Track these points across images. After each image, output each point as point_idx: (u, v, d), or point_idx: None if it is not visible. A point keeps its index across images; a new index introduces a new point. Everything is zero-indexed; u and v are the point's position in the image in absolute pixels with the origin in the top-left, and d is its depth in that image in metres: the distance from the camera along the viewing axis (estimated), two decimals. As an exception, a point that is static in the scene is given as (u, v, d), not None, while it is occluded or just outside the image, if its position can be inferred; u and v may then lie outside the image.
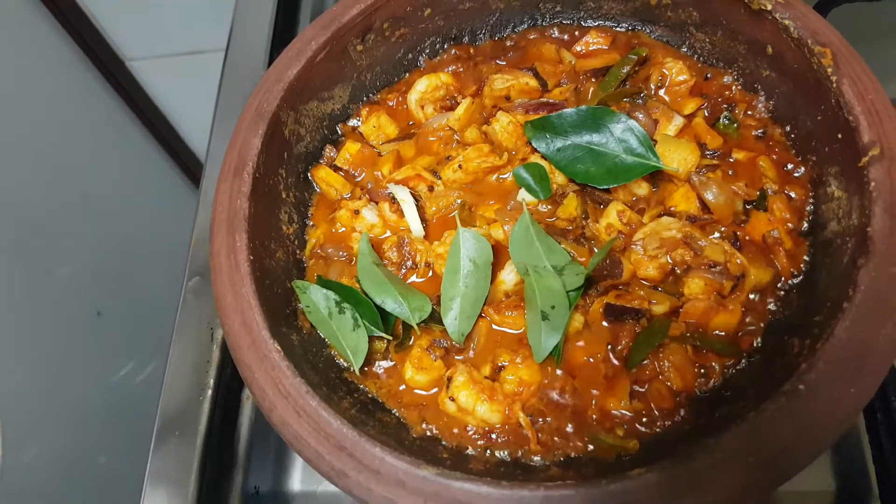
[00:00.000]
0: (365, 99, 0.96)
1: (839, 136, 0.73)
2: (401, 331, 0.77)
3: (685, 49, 0.93)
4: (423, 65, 0.99)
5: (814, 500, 0.80)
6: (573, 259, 0.76)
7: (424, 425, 0.72)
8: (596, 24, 0.97)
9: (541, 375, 0.72)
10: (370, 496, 0.59)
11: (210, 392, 0.88)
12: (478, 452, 0.70)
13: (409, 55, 0.97)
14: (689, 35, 0.92)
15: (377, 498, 0.59)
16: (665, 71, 0.88)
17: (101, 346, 1.65)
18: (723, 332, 0.73)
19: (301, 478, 0.86)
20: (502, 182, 0.86)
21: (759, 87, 0.87)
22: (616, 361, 0.73)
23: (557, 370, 0.73)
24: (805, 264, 0.76)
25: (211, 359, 0.90)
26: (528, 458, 0.69)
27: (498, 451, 0.70)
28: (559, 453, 0.69)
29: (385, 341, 0.77)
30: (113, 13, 1.62)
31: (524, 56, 0.97)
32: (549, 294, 0.72)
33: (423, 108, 0.93)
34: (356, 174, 0.90)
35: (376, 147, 0.91)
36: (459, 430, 0.71)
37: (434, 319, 0.76)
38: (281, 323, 0.73)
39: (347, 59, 0.90)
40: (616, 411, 0.70)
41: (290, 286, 0.79)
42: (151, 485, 0.85)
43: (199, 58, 1.72)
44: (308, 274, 0.84)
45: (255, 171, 0.77)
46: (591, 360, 0.73)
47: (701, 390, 0.71)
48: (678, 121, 0.83)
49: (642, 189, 0.81)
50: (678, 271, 0.76)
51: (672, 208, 0.79)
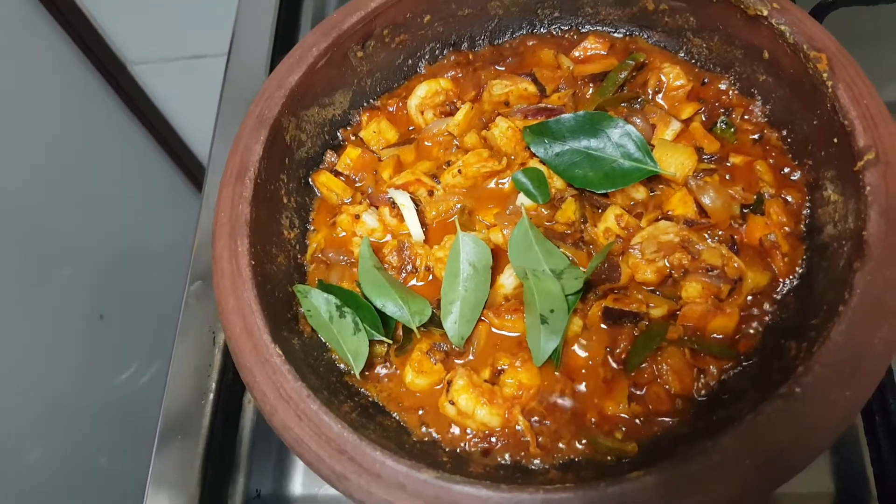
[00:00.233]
0: (365, 104, 0.96)
1: (835, 140, 0.73)
2: (401, 334, 0.78)
3: (682, 54, 0.93)
4: (422, 70, 0.99)
5: (812, 501, 0.80)
6: (572, 263, 0.76)
7: (424, 429, 0.73)
8: (594, 30, 0.98)
9: (540, 379, 0.73)
10: (371, 499, 0.59)
11: (212, 396, 0.88)
12: (478, 456, 0.70)
13: (409, 61, 0.97)
14: (687, 40, 0.92)
15: (377, 501, 0.59)
16: (662, 76, 0.89)
17: (104, 348, 1.65)
18: (720, 336, 0.74)
19: (302, 481, 0.87)
20: (501, 187, 0.86)
21: (755, 92, 0.87)
22: (615, 365, 0.73)
23: (556, 373, 0.73)
24: (802, 268, 0.76)
25: (213, 362, 0.91)
26: (527, 462, 0.69)
27: (498, 455, 0.70)
28: (558, 456, 0.69)
29: (385, 345, 0.77)
30: (115, 17, 1.62)
31: (523, 62, 0.97)
32: (548, 298, 0.73)
33: (422, 113, 0.93)
34: (357, 179, 0.90)
35: (377, 152, 0.92)
36: (459, 434, 0.72)
37: (434, 323, 0.77)
38: (282, 327, 0.73)
39: (348, 65, 0.90)
40: (615, 414, 0.70)
41: (292, 290, 0.79)
42: (154, 487, 0.85)
43: (201, 62, 1.71)
44: (309, 278, 0.85)
45: (256, 177, 0.77)
46: (590, 363, 0.73)
47: (699, 393, 0.71)
48: (675, 125, 0.84)
49: (640, 193, 0.81)
50: (676, 275, 0.76)
51: (670, 212, 0.79)
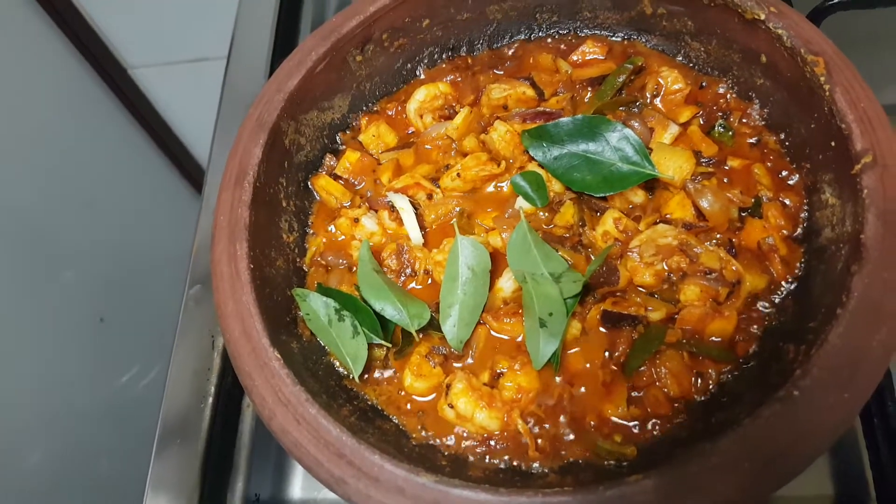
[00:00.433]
0: (364, 108, 0.97)
1: (832, 143, 0.73)
2: (400, 338, 0.78)
3: (680, 58, 0.93)
4: (421, 75, 0.99)
5: (811, 504, 0.81)
6: (570, 266, 0.76)
7: (423, 432, 0.73)
8: (592, 34, 0.98)
9: (539, 382, 0.72)
10: (369, 503, 0.59)
11: (211, 399, 0.88)
12: (476, 459, 0.70)
13: (408, 65, 0.98)
14: (685, 44, 0.92)
15: (376, 505, 0.59)
16: (660, 80, 0.89)
17: (104, 351, 1.65)
18: (719, 339, 0.74)
19: (302, 485, 0.87)
20: (500, 190, 0.86)
21: (753, 96, 0.87)
22: (614, 368, 0.73)
23: (556, 377, 0.73)
24: (800, 271, 0.76)
25: (212, 366, 0.91)
26: (526, 465, 0.69)
27: (497, 458, 0.70)
28: (557, 460, 0.69)
29: (384, 349, 0.77)
30: (115, 21, 1.63)
31: (521, 66, 0.97)
32: (546, 301, 0.73)
33: (421, 117, 0.94)
34: (356, 183, 0.91)
35: (376, 156, 0.92)
36: (458, 437, 0.72)
37: (433, 326, 0.77)
38: (281, 331, 0.73)
39: (347, 69, 0.91)
40: (614, 417, 0.70)
41: (291, 294, 0.79)
42: (153, 491, 0.85)
43: (201, 65, 1.72)
44: (308, 282, 0.84)
45: (255, 181, 0.77)
46: (588, 366, 0.73)
47: (697, 396, 0.71)
48: (673, 129, 0.84)
49: (638, 197, 0.81)
50: (674, 278, 0.76)
51: (668, 216, 0.79)
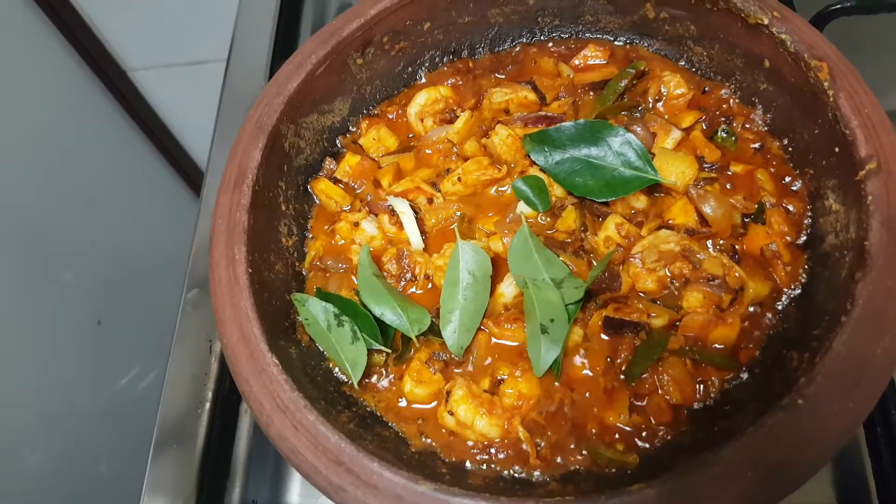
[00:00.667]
0: (365, 112, 0.96)
1: (836, 149, 0.73)
2: (400, 344, 0.77)
3: (683, 62, 0.93)
4: (422, 78, 0.99)
5: (814, 513, 0.80)
6: (572, 272, 0.76)
7: (423, 439, 0.72)
8: (594, 38, 0.98)
9: (540, 389, 0.72)
10: (368, 511, 0.59)
11: (208, 405, 0.88)
12: (477, 467, 0.70)
13: (409, 68, 0.97)
14: (687, 49, 0.92)
15: (375, 513, 0.58)
16: (663, 84, 0.88)
17: (103, 352, 1.65)
18: (722, 346, 0.73)
19: (299, 491, 0.86)
20: (501, 195, 0.86)
21: (756, 101, 0.87)
22: (616, 375, 0.72)
23: (557, 384, 0.72)
24: (803, 277, 0.76)
25: (209, 371, 0.90)
26: (527, 473, 0.68)
27: (497, 466, 0.69)
28: (559, 468, 0.68)
29: (384, 354, 0.76)
30: (115, 24, 1.62)
31: (523, 70, 0.97)
32: (548, 307, 0.72)
33: (422, 121, 0.93)
34: (356, 186, 0.90)
35: (376, 159, 0.91)
36: (458, 445, 0.71)
37: (433, 332, 0.76)
38: (279, 336, 0.72)
39: (347, 72, 0.90)
40: (616, 425, 0.70)
41: (289, 299, 0.78)
42: (149, 497, 0.84)
43: (200, 68, 1.72)
44: (307, 286, 0.84)
45: (254, 184, 0.77)
46: (590, 373, 0.73)
47: (700, 404, 0.71)
48: (676, 134, 0.84)
49: (641, 202, 0.80)
50: (677, 284, 0.75)
51: (670, 221, 0.79)
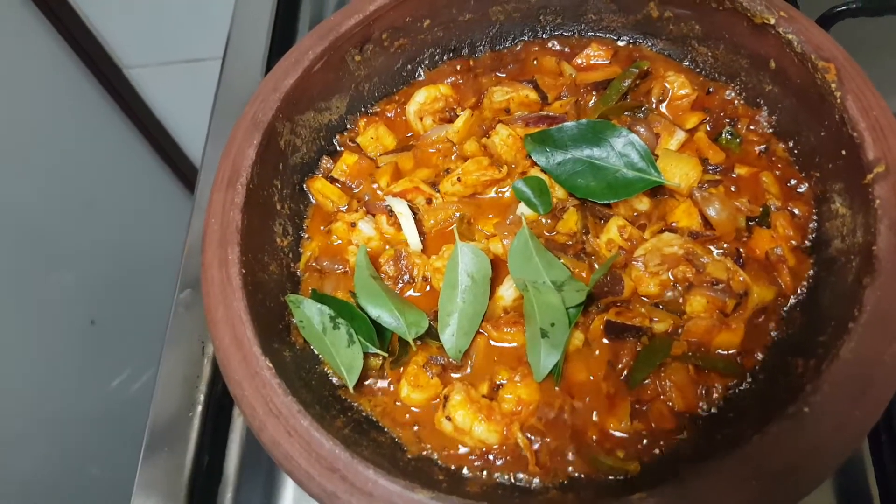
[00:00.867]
0: (363, 110, 0.95)
1: (843, 152, 0.72)
2: (397, 347, 0.75)
3: (687, 63, 0.92)
4: (422, 76, 0.97)
5: (816, 522, 0.79)
6: (573, 275, 0.75)
7: (420, 445, 0.71)
8: (597, 37, 0.97)
9: (540, 394, 0.71)
10: (363, 520, 0.57)
11: (200, 408, 0.86)
12: (474, 474, 0.68)
13: (408, 66, 0.96)
14: (692, 49, 0.91)
15: (370, 522, 0.57)
16: (667, 85, 0.88)
17: (95, 354, 1.63)
18: (725, 352, 0.72)
19: (293, 497, 0.84)
20: (502, 196, 0.85)
21: (761, 102, 0.86)
22: (617, 381, 0.71)
23: (557, 389, 0.71)
24: (808, 282, 0.75)
25: (202, 374, 0.88)
26: (526, 481, 0.67)
27: (495, 473, 0.68)
28: (558, 475, 0.67)
29: (380, 358, 0.75)
30: (111, 21, 1.61)
31: (524, 68, 0.96)
32: (548, 311, 0.71)
33: (421, 119, 0.92)
34: (353, 186, 0.89)
35: (374, 159, 0.90)
36: (456, 451, 0.70)
37: (431, 335, 0.75)
38: (273, 338, 0.71)
39: (345, 69, 0.89)
40: (616, 432, 0.69)
41: (284, 300, 0.77)
42: (139, 502, 0.82)
43: (197, 66, 1.71)
44: (302, 287, 0.82)
45: (248, 182, 0.75)
46: (591, 378, 0.72)
47: (703, 411, 0.70)
48: (680, 135, 0.83)
49: (643, 204, 0.80)
50: (680, 288, 0.74)
51: (674, 224, 0.78)
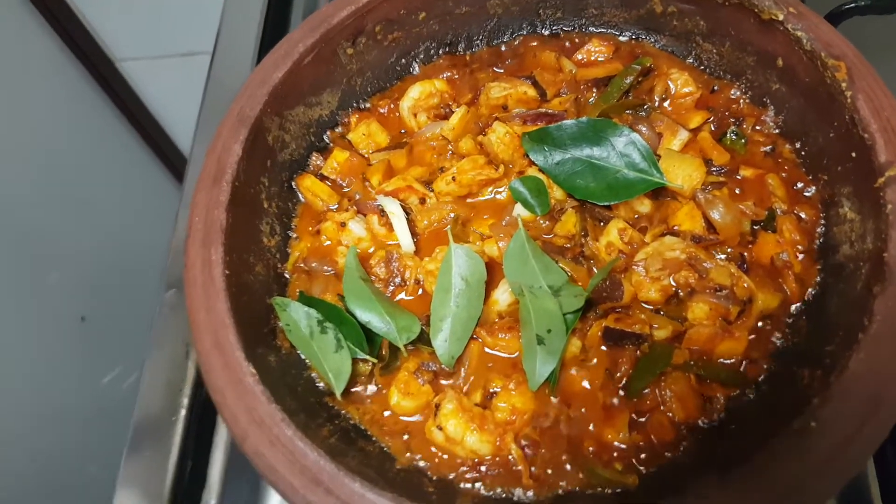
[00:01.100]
0: (355, 105, 0.93)
1: (853, 154, 0.71)
2: (387, 353, 0.74)
3: (691, 60, 0.91)
4: (416, 71, 0.96)
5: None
6: (571, 279, 0.73)
7: (409, 455, 0.69)
8: (598, 32, 0.95)
9: (535, 403, 0.69)
10: (347, 537, 0.55)
11: (184, 412, 0.84)
12: (466, 486, 0.66)
13: (403, 60, 0.94)
14: (696, 45, 0.90)
15: (355, 538, 0.55)
16: (670, 82, 0.86)
17: (85, 350, 1.63)
18: (728, 361, 0.71)
19: (278, 505, 0.82)
20: (498, 196, 0.83)
21: (768, 101, 0.84)
22: (615, 390, 0.70)
23: (553, 398, 0.69)
24: (815, 289, 0.74)
25: (186, 377, 0.86)
26: (520, 494, 0.65)
27: (487, 485, 0.66)
28: (553, 488, 0.65)
29: (370, 364, 0.73)
30: (103, 14, 1.60)
31: (522, 64, 0.94)
32: (545, 316, 0.69)
33: (415, 115, 0.90)
34: (344, 184, 0.87)
35: (366, 156, 0.88)
36: (447, 462, 0.68)
37: (423, 341, 0.73)
38: (258, 343, 0.69)
39: (337, 62, 0.87)
40: (614, 443, 0.67)
41: (270, 303, 0.75)
42: (120, 509, 0.80)
43: (190, 59, 1.70)
44: (290, 289, 0.80)
45: (234, 180, 0.73)
46: (588, 387, 0.70)
47: (704, 423, 0.68)
48: (683, 135, 0.81)
49: (645, 206, 0.78)
50: (682, 294, 0.73)
51: (676, 227, 0.76)
